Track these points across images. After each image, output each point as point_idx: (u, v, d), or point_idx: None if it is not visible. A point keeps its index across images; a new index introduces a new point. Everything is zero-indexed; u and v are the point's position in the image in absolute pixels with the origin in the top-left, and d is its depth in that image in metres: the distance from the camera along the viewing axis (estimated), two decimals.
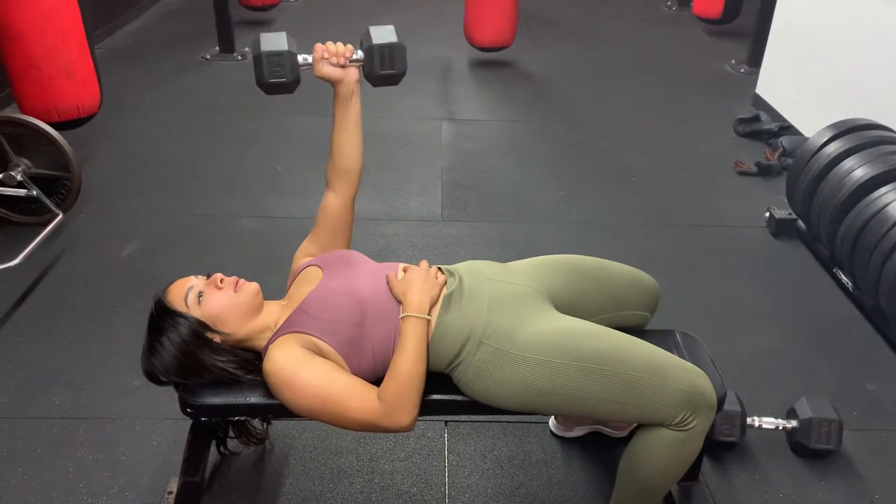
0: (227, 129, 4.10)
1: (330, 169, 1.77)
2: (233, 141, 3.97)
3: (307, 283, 1.61)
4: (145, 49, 5.45)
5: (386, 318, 1.54)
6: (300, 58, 1.63)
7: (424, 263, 1.64)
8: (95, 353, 2.37)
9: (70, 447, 2.02)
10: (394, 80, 1.70)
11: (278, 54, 1.59)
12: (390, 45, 1.65)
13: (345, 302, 1.53)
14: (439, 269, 1.67)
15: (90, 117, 3.24)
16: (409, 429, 1.45)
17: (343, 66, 1.66)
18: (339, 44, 1.66)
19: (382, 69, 1.67)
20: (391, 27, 1.67)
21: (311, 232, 1.80)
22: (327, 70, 1.65)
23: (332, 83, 1.68)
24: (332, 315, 1.51)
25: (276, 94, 1.68)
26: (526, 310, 1.58)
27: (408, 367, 1.45)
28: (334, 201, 1.77)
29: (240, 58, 5.25)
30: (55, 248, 2.92)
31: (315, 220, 1.79)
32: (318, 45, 1.65)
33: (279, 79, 1.61)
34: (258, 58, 1.60)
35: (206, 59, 5.24)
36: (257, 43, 1.62)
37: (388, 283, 1.59)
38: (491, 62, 5.28)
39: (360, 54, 1.67)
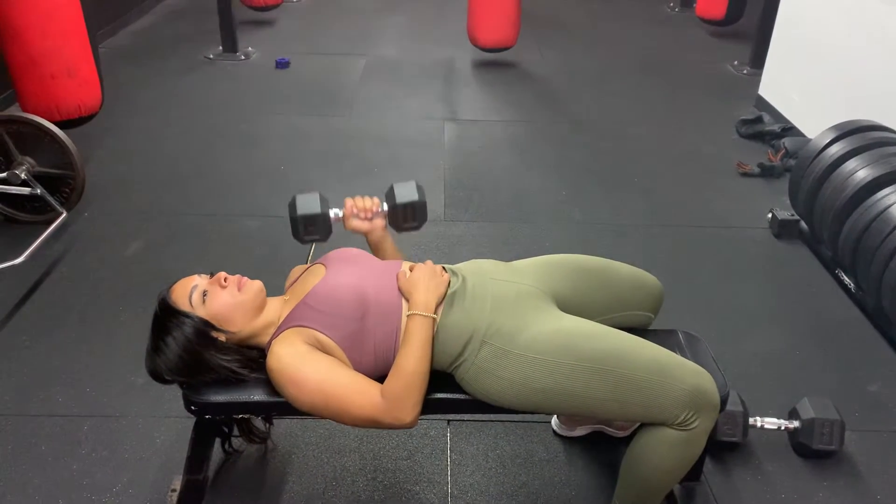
0: (230, 129, 4.11)
1: None
2: (236, 140, 3.97)
3: (311, 278, 1.63)
4: (149, 48, 5.46)
5: (388, 315, 1.55)
6: (332, 213, 1.73)
7: (430, 263, 1.65)
8: (99, 351, 2.38)
9: (74, 445, 2.03)
10: (416, 229, 1.82)
11: (313, 217, 1.71)
12: (412, 204, 1.76)
13: (347, 296, 1.53)
14: (443, 268, 1.67)
15: (91, 116, 3.25)
16: (410, 426, 1.46)
17: (370, 220, 1.75)
18: (367, 199, 1.76)
19: (405, 223, 1.79)
20: (413, 183, 1.78)
21: None
22: (357, 224, 1.76)
23: (363, 234, 1.78)
24: (335, 308, 1.52)
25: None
26: (529, 309, 1.58)
27: (412, 365, 1.45)
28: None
29: (243, 57, 5.25)
30: (59, 247, 2.93)
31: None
32: (348, 201, 1.75)
33: (313, 236, 1.73)
34: (294, 220, 1.72)
35: (210, 58, 5.24)
36: (294, 206, 1.72)
37: (396, 280, 1.60)
38: (494, 62, 5.29)
39: (385, 208, 1.78)
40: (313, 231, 1.72)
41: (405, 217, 1.77)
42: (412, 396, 1.44)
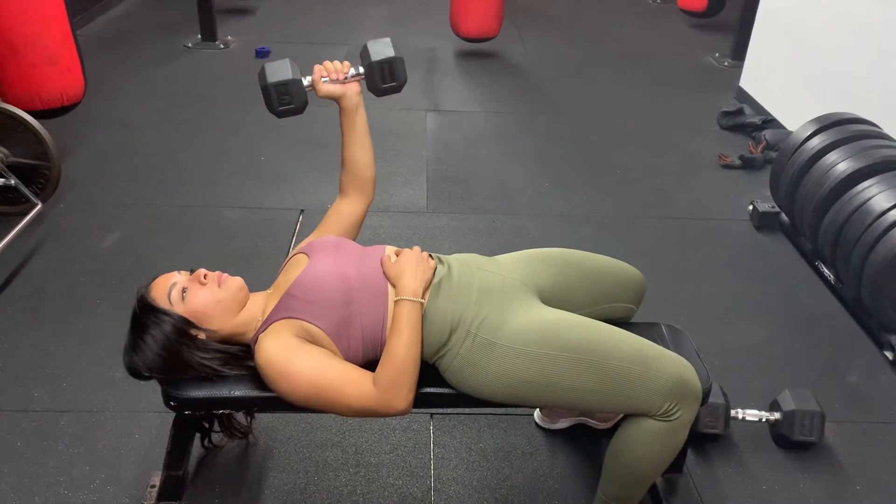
0: (209, 119, 4.06)
1: (345, 179, 1.81)
2: (215, 130, 3.92)
3: (294, 269, 1.60)
4: (126, 36, 5.37)
5: (374, 299, 1.53)
6: (304, 81, 1.68)
7: (417, 248, 1.64)
8: (76, 345, 2.34)
9: (50, 440, 2.00)
10: (396, 90, 1.77)
11: (284, 84, 1.65)
12: (389, 60, 1.71)
13: (332, 283, 1.52)
14: (430, 255, 1.66)
15: (74, 105, 3.19)
16: (405, 412, 1.45)
17: (342, 83, 1.71)
18: (336, 62, 1.72)
19: (384, 83, 1.74)
20: (388, 40, 1.74)
21: (315, 230, 1.80)
22: (328, 88, 1.71)
23: (335, 100, 1.73)
24: (320, 297, 1.50)
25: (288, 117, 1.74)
26: (513, 301, 1.58)
27: (402, 352, 1.44)
28: (348, 208, 1.81)
29: (222, 46, 5.19)
30: (34, 239, 2.87)
31: (323, 219, 1.81)
32: (317, 66, 1.71)
33: (288, 105, 1.68)
34: (266, 89, 1.66)
35: (188, 47, 5.17)
36: (263, 75, 1.66)
37: (381, 265, 1.58)
38: (476, 53, 5.27)
39: (360, 70, 1.73)
40: (287, 100, 1.66)
41: (382, 77, 1.71)
42: (405, 383, 1.43)
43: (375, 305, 1.53)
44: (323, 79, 1.70)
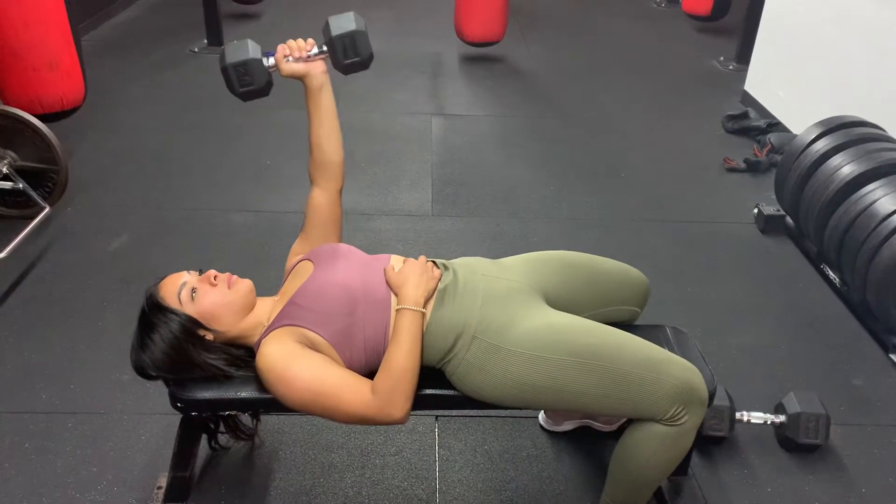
0: (215, 123, 4.07)
1: (312, 165, 1.79)
2: (221, 134, 3.94)
3: (299, 277, 1.61)
4: (133, 41, 5.40)
5: (377, 309, 1.54)
6: (266, 61, 1.64)
7: (423, 258, 1.64)
8: (83, 348, 2.35)
9: (57, 442, 2.01)
10: (362, 65, 1.69)
11: (243, 64, 1.62)
12: (350, 34, 1.64)
13: (336, 292, 1.52)
14: (434, 262, 1.67)
15: (74, 110, 3.21)
16: (402, 422, 1.45)
17: (306, 61, 1.67)
18: (300, 40, 1.68)
19: (346, 59, 1.66)
20: (350, 14, 1.67)
21: (301, 231, 1.80)
22: (291, 67, 1.67)
23: (300, 79, 1.69)
24: (324, 306, 1.51)
25: (254, 100, 1.71)
26: (519, 305, 1.58)
27: (402, 361, 1.45)
28: (320, 197, 1.78)
29: None
30: (42, 242, 2.89)
31: (304, 218, 1.79)
32: (280, 45, 1.67)
33: (249, 87, 1.64)
34: (224, 70, 1.63)
35: (195, 52, 5.20)
36: (222, 56, 1.63)
37: (385, 274, 1.59)
38: (481, 57, 5.28)
39: (323, 47, 1.67)
40: (248, 81, 1.61)
41: (345, 52, 1.64)
42: (403, 392, 1.44)
43: (378, 315, 1.54)
44: (286, 58, 1.66)
